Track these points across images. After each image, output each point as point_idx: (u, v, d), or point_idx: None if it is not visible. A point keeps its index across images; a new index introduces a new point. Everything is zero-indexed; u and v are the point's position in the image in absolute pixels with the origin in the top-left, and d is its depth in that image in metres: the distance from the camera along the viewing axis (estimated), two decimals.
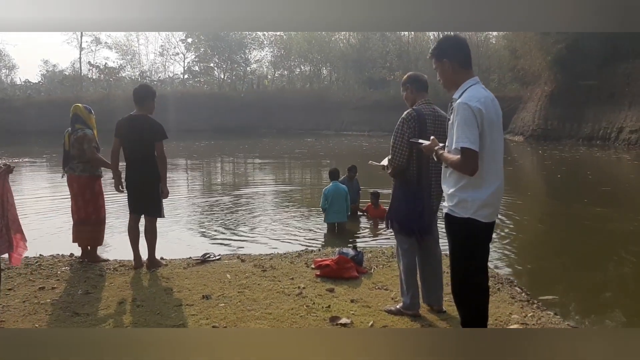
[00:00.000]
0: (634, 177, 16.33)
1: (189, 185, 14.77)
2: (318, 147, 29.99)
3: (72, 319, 4.12)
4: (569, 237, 8.33)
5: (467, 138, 2.91)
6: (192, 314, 4.20)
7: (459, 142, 2.94)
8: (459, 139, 2.94)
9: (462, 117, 2.95)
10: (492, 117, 3.03)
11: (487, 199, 3.04)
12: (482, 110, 2.95)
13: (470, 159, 2.93)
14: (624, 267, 6.60)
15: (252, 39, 61.63)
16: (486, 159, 3.01)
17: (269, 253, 6.32)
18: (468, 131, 2.92)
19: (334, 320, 4.05)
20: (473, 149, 2.91)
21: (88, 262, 5.70)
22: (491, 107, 3.04)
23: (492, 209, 3.09)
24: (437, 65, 3.23)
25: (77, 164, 5.71)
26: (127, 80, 59.36)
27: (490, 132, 3.01)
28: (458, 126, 2.96)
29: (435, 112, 4.14)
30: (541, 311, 4.41)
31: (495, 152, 3.07)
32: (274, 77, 65.33)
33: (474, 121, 2.93)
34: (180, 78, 64.20)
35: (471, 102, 2.96)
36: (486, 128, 2.98)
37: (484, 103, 2.99)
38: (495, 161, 3.07)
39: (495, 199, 3.10)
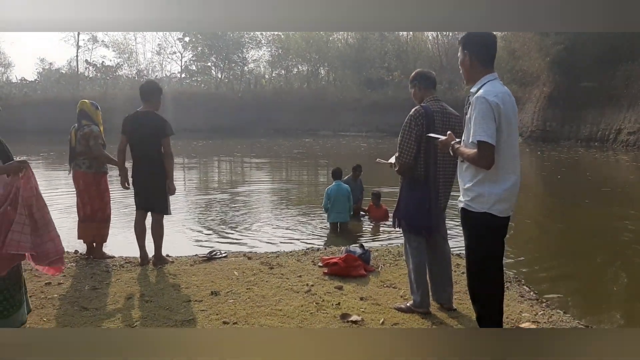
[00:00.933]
0: (633, 178, 16.38)
1: (189, 184, 14.73)
2: (316, 147, 29.98)
3: (80, 314, 4.10)
4: (570, 237, 8.35)
5: (484, 132, 2.92)
6: (201, 309, 4.18)
7: (475, 136, 2.95)
8: (476, 132, 2.95)
9: (480, 111, 2.96)
10: (509, 113, 3.04)
11: (503, 193, 3.06)
12: (499, 105, 2.97)
13: (486, 153, 2.94)
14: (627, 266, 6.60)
15: (249, 39, 61.48)
16: (503, 154, 3.02)
17: (275, 251, 6.30)
18: (485, 125, 2.93)
19: (344, 317, 4.04)
20: (490, 143, 2.92)
21: (94, 259, 5.67)
22: (508, 103, 3.05)
23: (508, 203, 3.11)
24: (460, 54, 3.24)
25: (83, 161, 5.68)
26: (124, 79, 59.20)
27: (507, 127, 3.03)
28: (475, 120, 2.97)
29: (444, 109, 4.13)
30: (551, 310, 4.41)
31: (512, 147, 3.09)
32: (272, 76, 65.22)
33: (491, 115, 2.94)
34: (177, 77, 64.06)
35: (489, 97, 2.97)
36: (503, 123, 3.00)
37: (501, 98, 3.00)
38: (511, 156, 3.09)
39: (511, 193, 3.11)
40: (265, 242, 7.45)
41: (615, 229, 8.69)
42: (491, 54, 3.19)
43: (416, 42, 56.23)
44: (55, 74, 62.30)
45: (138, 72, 62.00)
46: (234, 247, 7.05)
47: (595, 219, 9.54)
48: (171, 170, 5.47)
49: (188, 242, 7.35)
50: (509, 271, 5.73)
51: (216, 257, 5.76)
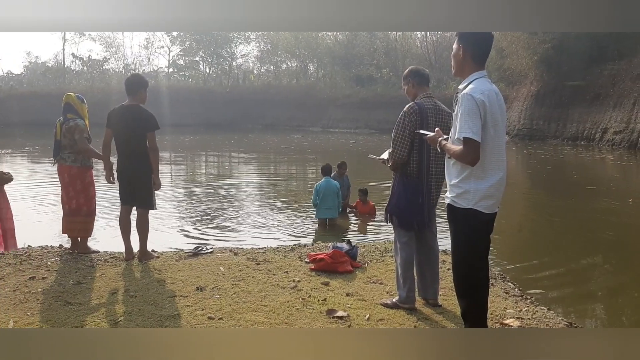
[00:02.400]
0: (618, 176, 16.55)
1: (175, 178, 14.65)
2: (304, 143, 29.95)
3: (64, 308, 4.06)
4: (555, 234, 8.43)
5: (470, 128, 2.94)
6: (186, 305, 4.16)
7: (461, 133, 2.98)
8: (462, 129, 2.97)
9: (466, 108, 2.98)
10: (496, 110, 3.06)
11: (489, 190, 3.09)
12: (485, 103, 2.99)
13: (471, 149, 2.96)
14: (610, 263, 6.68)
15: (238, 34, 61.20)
16: (488, 151, 3.05)
17: (261, 247, 6.29)
18: (470, 122, 2.95)
19: (330, 313, 4.04)
20: (475, 140, 2.94)
21: (78, 253, 5.62)
22: (495, 101, 3.07)
23: (493, 200, 3.13)
24: (455, 45, 3.25)
25: (68, 154, 5.63)
26: (111, 73, 58.72)
27: (493, 125, 3.05)
28: (461, 117, 2.99)
29: (437, 106, 4.15)
30: (535, 306, 4.44)
31: (498, 144, 3.11)
32: (260, 72, 65.04)
33: (477, 112, 2.97)
34: (165, 72, 63.63)
35: (475, 94, 2.99)
36: (489, 120, 3.02)
37: (488, 96, 3.02)
38: (497, 153, 3.11)
39: (496, 190, 3.13)
40: (252, 238, 7.43)
41: (599, 227, 8.78)
42: (485, 53, 3.21)
43: (405, 40, 56.35)
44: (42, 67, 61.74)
45: (125, 66, 61.61)
46: (221, 242, 7.04)
47: (579, 216, 9.63)
48: (157, 164, 5.43)
49: (174, 237, 7.31)
50: (493, 268, 5.77)
51: (202, 252, 5.74)
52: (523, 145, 28.09)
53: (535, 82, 32.96)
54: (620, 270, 6.50)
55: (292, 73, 62.68)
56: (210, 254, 5.73)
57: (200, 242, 6.85)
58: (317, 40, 58.81)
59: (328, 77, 58.33)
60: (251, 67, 66.17)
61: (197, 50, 61.31)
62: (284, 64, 64.41)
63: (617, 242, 7.76)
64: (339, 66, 55.89)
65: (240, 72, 63.81)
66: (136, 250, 5.51)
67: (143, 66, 64.25)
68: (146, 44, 64.79)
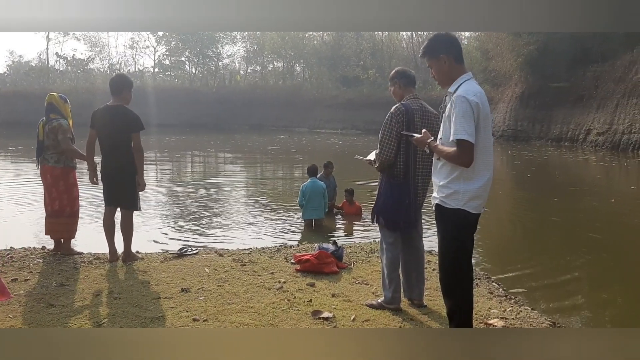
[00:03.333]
0: (600, 177, 16.75)
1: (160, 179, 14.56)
2: (291, 144, 29.94)
3: (47, 311, 4.01)
4: (538, 234, 8.51)
5: (465, 130, 2.97)
6: (171, 306, 4.13)
7: (456, 134, 3.00)
8: (457, 131, 2.99)
9: (461, 110, 3.00)
10: (486, 111, 3.12)
11: (478, 190, 3.13)
12: (479, 105, 3.03)
13: (467, 151, 3.00)
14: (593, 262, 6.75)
15: (224, 34, 61.01)
16: (479, 152, 3.09)
17: (247, 248, 6.27)
18: (466, 124, 2.98)
19: (316, 314, 4.03)
20: (470, 141, 2.98)
21: (61, 255, 5.57)
22: (484, 102, 3.14)
23: (481, 200, 3.18)
24: (432, 63, 3.27)
25: (51, 155, 5.57)
26: (96, 73, 58.22)
27: (484, 126, 3.10)
28: (456, 118, 3.01)
29: (423, 107, 4.16)
30: (519, 306, 4.48)
31: (487, 145, 3.16)
32: (247, 72, 64.87)
33: (471, 114, 3.00)
34: (150, 71, 63.22)
35: (469, 96, 3.03)
36: (481, 122, 3.07)
37: (480, 97, 3.07)
38: (486, 154, 3.16)
39: (484, 190, 3.18)
40: (237, 239, 7.40)
41: (582, 227, 8.88)
42: (460, 50, 3.28)
43: (391, 41, 56.58)
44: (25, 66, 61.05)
45: (110, 66, 61.13)
46: (206, 243, 7.00)
47: (563, 216, 9.72)
48: (141, 165, 5.39)
49: (158, 239, 7.25)
50: (478, 268, 5.81)
51: (187, 253, 5.70)
52: (508, 146, 28.33)
53: (519, 83, 33.29)
54: (603, 269, 6.57)
55: (279, 74, 62.59)
56: (195, 255, 5.69)
57: (185, 243, 6.81)
58: (304, 41, 58.82)
59: (315, 78, 58.35)
60: (237, 68, 66.01)
61: (183, 51, 61.02)
62: (270, 65, 64.33)
63: (600, 242, 7.84)
64: (325, 67, 55.94)
65: (226, 72, 63.60)
66: (120, 251, 5.46)
67: (128, 66, 63.86)
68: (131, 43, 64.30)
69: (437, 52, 3.23)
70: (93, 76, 56.24)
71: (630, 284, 6.06)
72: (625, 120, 24.17)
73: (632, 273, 6.44)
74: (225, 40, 61.59)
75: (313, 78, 58.86)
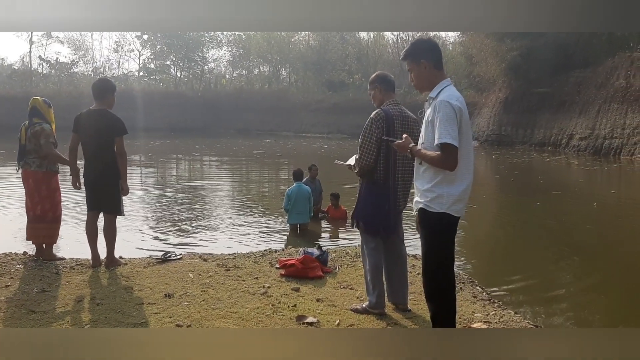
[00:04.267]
0: (582, 181, 16.95)
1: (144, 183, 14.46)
2: (276, 148, 29.91)
3: (28, 317, 3.95)
4: (521, 238, 8.58)
5: (449, 134, 3.00)
6: (154, 312, 4.09)
7: (441, 139, 3.02)
8: (441, 135, 3.02)
9: (445, 114, 3.03)
10: (467, 117, 3.15)
11: (461, 194, 3.16)
12: (461, 109, 3.07)
13: (452, 154, 3.03)
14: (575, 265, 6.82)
15: (210, 38, 60.92)
16: (461, 156, 3.11)
17: (231, 252, 6.23)
18: (450, 128, 3.01)
19: (300, 319, 4.02)
20: (455, 145, 3.00)
21: (43, 260, 5.49)
22: (465, 107, 3.16)
23: (463, 203, 3.22)
24: (412, 67, 3.30)
25: (33, 159, 5.50)
26: (80, 76, 57.72)
27: (466, 130, 3.12)
28: (440, 123, 3.03)
29: (403, 113, 4.18)
30: (502, 310, 4.51)
31: (468, 149, 3.19)
32: (232, 77, 64.73)
33: (454, 118, 3.03)
34: (135, 75, 62.81)
35: (452, 100, 3.06)
36: (463, 126, 3.10)
37: (462, 102, 3.11)
38: (468, 158, 3.19)
39: (466, 194, 3.22)
40: (222, 244, 7.37)
41: (565, 230, 8.97)
42: (441, 57, 3.31)
43: (377, 46, 56.87)
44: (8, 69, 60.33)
45: (94, 70, 60.66)
46: (190, 248, 6.96)
47: (546, 220, 9.82)
48: (124, 169, 5.34)
49: (142, 244, 7.20)
50: (461, 272, 5.84)
51: (171, 258, 5.66)
52: (492, 151, 28.56)
53: (503, 89, 33.63)
54: (585, 272, 6.64)
55: (265, 78, 62.57)
56: (179, 260, 5.65)
57: (169, 248, 6.76)
58: (290, 46, 58.92)
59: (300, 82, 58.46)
60: (223, 72, 65.87)
61: (168, 54, 60.77)
62: (256, 69, 64.34)
63: (582, 245, 7.93)
64: (311, 71, 56.06)
65: (212, 76, 63.45)
66: (103, 256, 5.41)
67: (113, 69, 63.46)
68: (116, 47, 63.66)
69: (418, 57, 3.27)
70: (77, 80, 55.80)
71: (615, 286, 6.14)
72: (606, 125, 24.50)
73: (616, 276, 6.53)
74: (211, 44, 61.46)
75: (299, 82, 58.96)
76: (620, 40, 26.45)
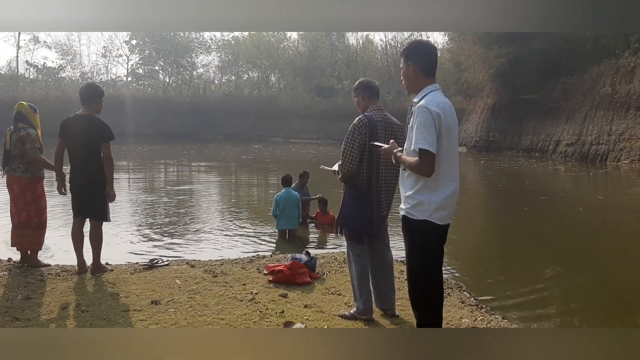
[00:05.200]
0: (569, 187, 17.08)
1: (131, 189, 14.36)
2: (265, 153, 29.88)
3: (12, 324, 3.92)
4: (508, 243, 8.62)
5: (425, 140, 2.98)
6: (140, 319, 4.06)
7: (417, 144, 3.01)
8: (418, 141, 3.01)
9: (422, 120, 3.02)
10: (450, 123, 3.12)
11: (443, 201, 3.12)
12: (440, 115, 3.04)
13: (427, 161, 3.00)
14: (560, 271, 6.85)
15: (199, 43, 60.80)
16: (442, 163, 3.09)
17: (219, 258, 6.20)
18: (427, 133, 2.99)
19: (288, 325, 4.00)
20: (431, 151, 2.98)
21: (28, 267, 5.43)
22: (449, 113, 3.12)
23: (447, 211, 3.16)
24: (403, 66, 3.29)
25: (18, 165, 5.45)
26: (67, 81, 57.28)
27: (447, 137, 3.09)
28: (417, 129, 3.02)
29: (387, 119, 4.20)
30: (490, 315, 4.52)
31: (452, 156, 3.15)
32: (221, 82, 64.57)
33: (432, 124, 3.01)
34: (123, 80, 62.48)
35: (430, 106, 3.04)
36: (443, 132, 3.06)
37: (442, 108, 3.07)
38: (451, 165, 3.16)
39: (450, 201, 3.17)
40: (209, 249, 7.33)
41: (551, 234, 9.03)
42: (433, 65, 3.27)
43: (366, 52, 57.05)
44: None
45: (82, 75, 60.22)
46: (177, 254, 6.92)
47: (532, 225, 9.88)
48: (111, 175, 5.31)
49: (128, 250, 7.14)
50: (449, 277, 5.86)
51: (158, 265, 5.62)
52: (480, 157, 28.72)
53: (491, 95, 33.85)
54: (571, 276, 6.68)
55: (254, 83, 62.46)
56: (166, 267, 5.61)
57: (156, 254, 6.71)
58: (279, 51, 58.90)
59: (289, 88, 58.41)
60: (212, 77, 65.64)
61: (157, 59, 60.49)
62: (245, 75, 64.17)
63: (568, 249, 7.98)
64: (300, 77, 56.08)
65: (200, 82, 63.21)
66: (89, 263, 5.36)
67: (101, 75, 62.97)
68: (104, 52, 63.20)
69: (408, 58, 3.26)
70: (64, 85, 55.34)
71: (602, 290, 6.18)
72: (593, 131, 24.73)
73: (603, 279, 6.58)
74: (199, 49, 61.30)
75: (288, 88, 58.91)
76: (605, 48, 26.73)
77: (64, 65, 59.69)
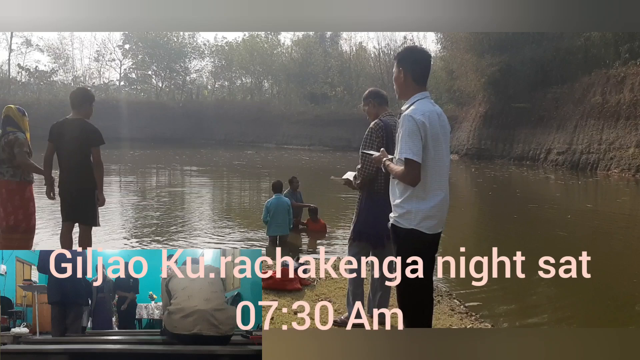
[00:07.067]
0: (559, 195, 17.18)
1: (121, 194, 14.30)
2: (257, 159, 29.86)
3: None
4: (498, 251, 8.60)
5: (410, 149, 2.96)
6: None
7: (402, 153, 3.00)
8: (402, 150, 3.00)
9: (406, 129, 3.01)
10: (437, 131, 3.07)
11: (431, 210, 3.07)
12: (425, 124, 3.00)
13: (411, 170, 2.98)
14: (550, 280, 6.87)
15: (192, 48, 60.75)
16: (430, 172, 3.05)
17: None
18: (411, 142, 2.97)
19: None
20: (415, 160, 2.96)
21: None
22: (436, 121, 3.08)
23: (435, 220, 3.11)
24: (395, 70, 3.28)
25: (6, 169, 5.40)
26: (59, 85, 57.02)
27: (434, 145, 3.05)
28: (402, 138, 3.01)
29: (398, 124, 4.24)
30: (480, 323, 4.54)
31: (440, 165, 3.10)
32: (214, 87, 64.54)
33: (417, 133, 2.98)
34: (116, 85, 62.28)
35: (416, 115, 3.02)
36: (430, 141, 3.03)
37: (428, 117, 3.04)
38: (439, 174, 3.11)
39: (439, 211, 3.12)
40: None
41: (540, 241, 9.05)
42: (425, 73, 3.23)
43: (359, 59, 57.24)
44: None
45: (74, 79, 59.93)
46: None
47: (523, 233, 9.91)
48: (101, 180, 5.28)
49: None
50: (439, 285, 5.86)
51: None
52: (471, 164, 28.86)
53: (483, 103, 34.06)
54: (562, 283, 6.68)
55: (247, 89, 62.52)
56: None
57: None
58: (272, 57, 58.99)
59: (282, 94, 58.51)
60: (205, 83, 65.60)
61: (150, 64, 60.36)
62: (238, 80, 64.17)
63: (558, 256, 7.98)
64: (293, 83, 56.20)
65: (193, 87, 63.17)
66: None
67: (93, 79, 62.70)
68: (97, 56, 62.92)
69: (401, 63, 3.24)
70: (57, 88, 55.09)
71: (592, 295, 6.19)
72: (583, 140, 24.93)
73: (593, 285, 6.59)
74: (193, 54, 61.26)
75: (281, 94, 59.00)
76: (596, 58, 27.00)
77: (56, 68, 59.42)
